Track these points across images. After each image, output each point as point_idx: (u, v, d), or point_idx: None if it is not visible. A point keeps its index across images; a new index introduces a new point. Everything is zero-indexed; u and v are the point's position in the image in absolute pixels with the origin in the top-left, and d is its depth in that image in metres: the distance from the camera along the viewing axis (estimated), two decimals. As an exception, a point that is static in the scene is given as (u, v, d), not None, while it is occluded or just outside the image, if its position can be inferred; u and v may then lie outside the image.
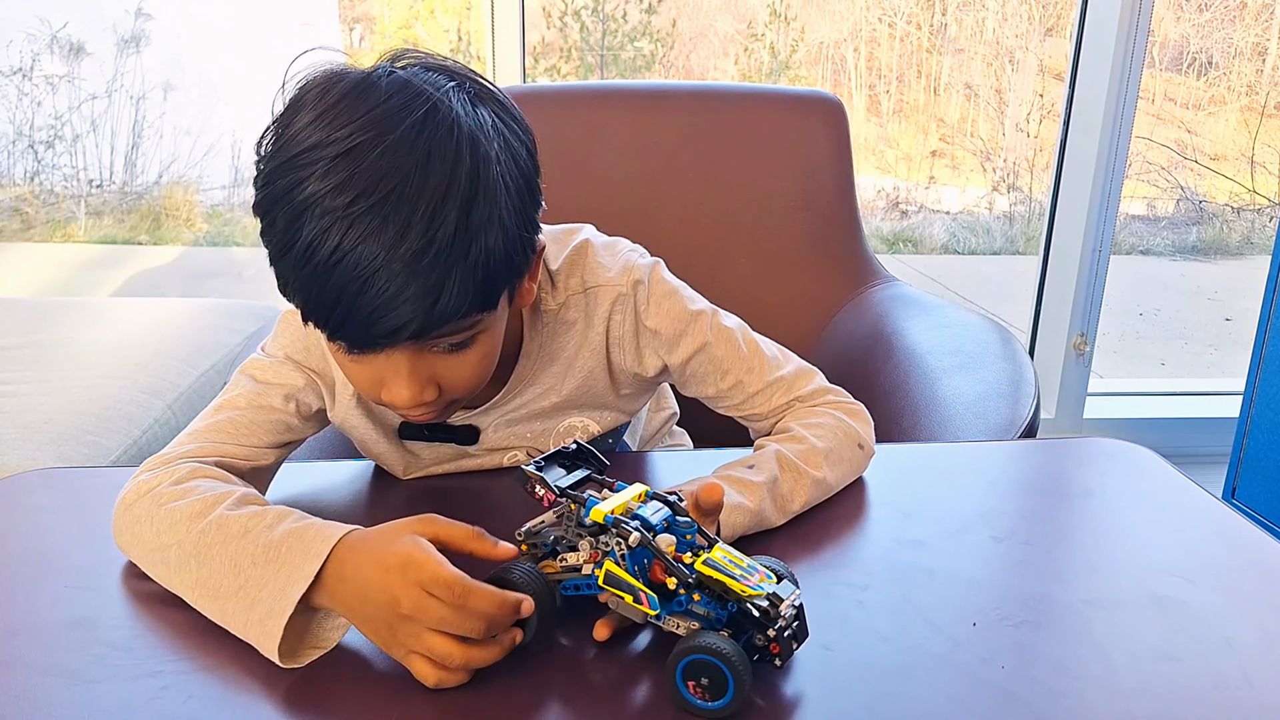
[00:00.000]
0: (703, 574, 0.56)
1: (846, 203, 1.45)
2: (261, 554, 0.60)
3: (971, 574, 0.69)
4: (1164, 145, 5.35)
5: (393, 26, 7.01)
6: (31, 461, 1.15)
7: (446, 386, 0.68)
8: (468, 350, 0.67)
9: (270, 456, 0.76)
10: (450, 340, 0.65)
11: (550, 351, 0.81)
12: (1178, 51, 5.71)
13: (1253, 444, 1.87)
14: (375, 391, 0.68)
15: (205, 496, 0.65)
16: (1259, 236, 5.03)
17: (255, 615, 0.58)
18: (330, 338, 0.64)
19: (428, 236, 0.59)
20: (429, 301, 0.60)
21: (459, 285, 0.60)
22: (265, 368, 0.77)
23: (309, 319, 0.63)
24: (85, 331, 1.54)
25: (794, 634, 0.56)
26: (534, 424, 0.84)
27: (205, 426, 0.75)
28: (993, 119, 5.89)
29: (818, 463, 0.77)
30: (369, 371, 0.66)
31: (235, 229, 4.50)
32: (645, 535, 0.56)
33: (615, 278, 0.80)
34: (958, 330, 1.23)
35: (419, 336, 0.62)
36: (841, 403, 0.84)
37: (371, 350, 0.64)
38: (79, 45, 4.41)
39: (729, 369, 0.82)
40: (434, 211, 0.59)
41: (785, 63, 5.68)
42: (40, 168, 4.45)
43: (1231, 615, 0.65)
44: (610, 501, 0.59)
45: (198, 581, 0.62)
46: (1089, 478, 0.87)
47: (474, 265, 0.61)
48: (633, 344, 0.81)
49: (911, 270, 4.35)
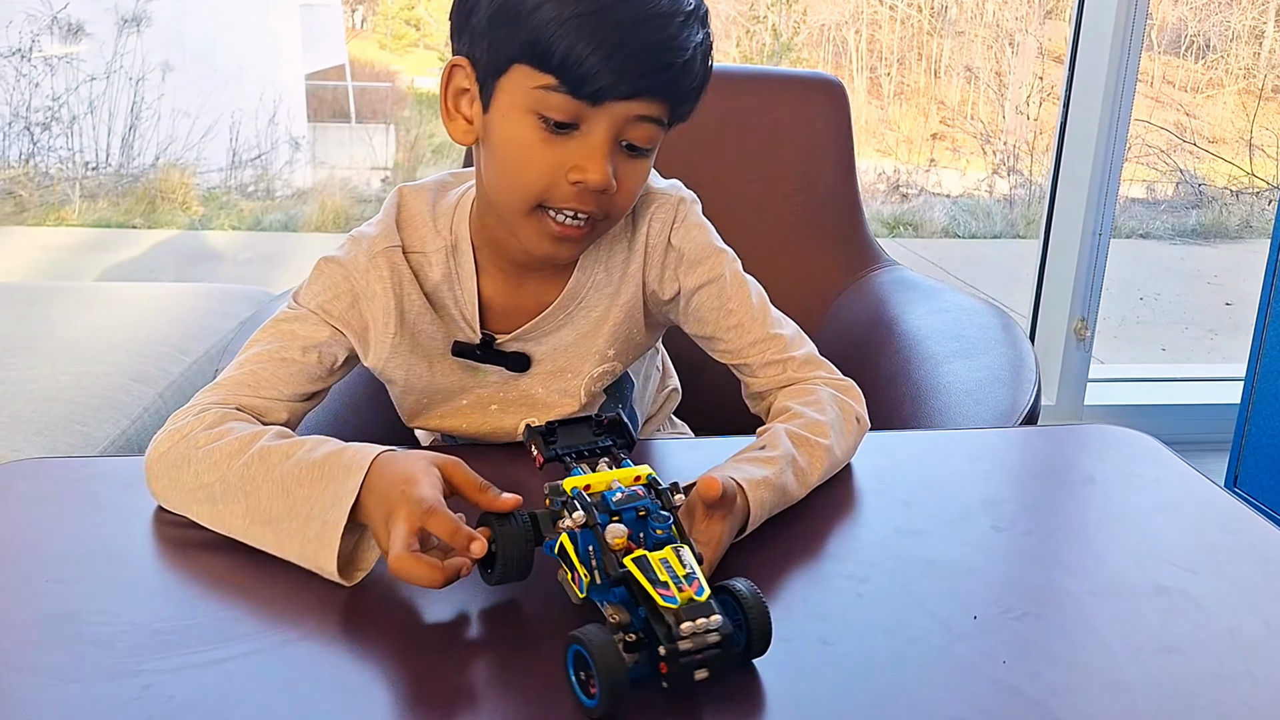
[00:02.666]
0: (629, 571, 0.53)
1: (847, 186, 1.43)
2: (306, 475, 0.65)
3: (972, 564, 0.69)
4: (1163, 128, 5.33)
5: (395, 7, 6.96)
6: (17, 452, 1.13)
7: (620, 185, 0.73)
8: (643, 159, 0.75)
9: (295, 409, 0.78)
10: (644, 133, 0.73)
11: (606, 265, 0.84)
12: (1176, 34, 5.68)
13: (1254, 430, 1.86)
14: (560, 174, 0.71)
15: (243, 435, 0.69)
16: (1258, 220, 5.02)
17: (311, 531, 0.63)
18: (589, 82, 0.68)
19: (695, 5, 0.72)
20: (702, 53, 0.72)
21: (685, 72, 0.71)
22: (293, 319, 0.79)
23: (575, 64, 0.68)
24: (75, 317, 1.52)
25: (700, 664, 0.52)
26: (574, 360, 0.86)
27: (230, 379, 0.77)
28: (993, 101, 5.87)
29: (824, 433, 0.78)
30: (560, 153, 0.71)
31: (231, 212, 4.48)
32: (592, 516, 0.56)
33: (662, 190, 0.85)
34: (958, 315, 1.22)
35: (684, 83, 0.72)
36: (833, 380, 0.86)
37: (630, 94, 0.69)
38: (79, 25, 4.38)
39: (734, 310, 0.85)
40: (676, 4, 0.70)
41: (787, 45, 5.65)
42: (36, 150, 4.43)
43: (1234, 604, 0.65)
44: (592, 477, 0.58)
45: (246, 510, 0.66)
46: (1090, 465, 0.86)
47: (698, 66, 0.73)
48: (659, 258, 0.85)
49: (912, 254, 4.34)
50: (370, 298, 0.79)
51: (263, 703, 0.53)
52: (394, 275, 0.79)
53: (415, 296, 0.80)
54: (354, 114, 6.19)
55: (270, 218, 4.47)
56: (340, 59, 6.33)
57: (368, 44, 6.84)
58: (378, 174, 5.24)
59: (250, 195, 4.80)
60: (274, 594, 0.63)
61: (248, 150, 4.90)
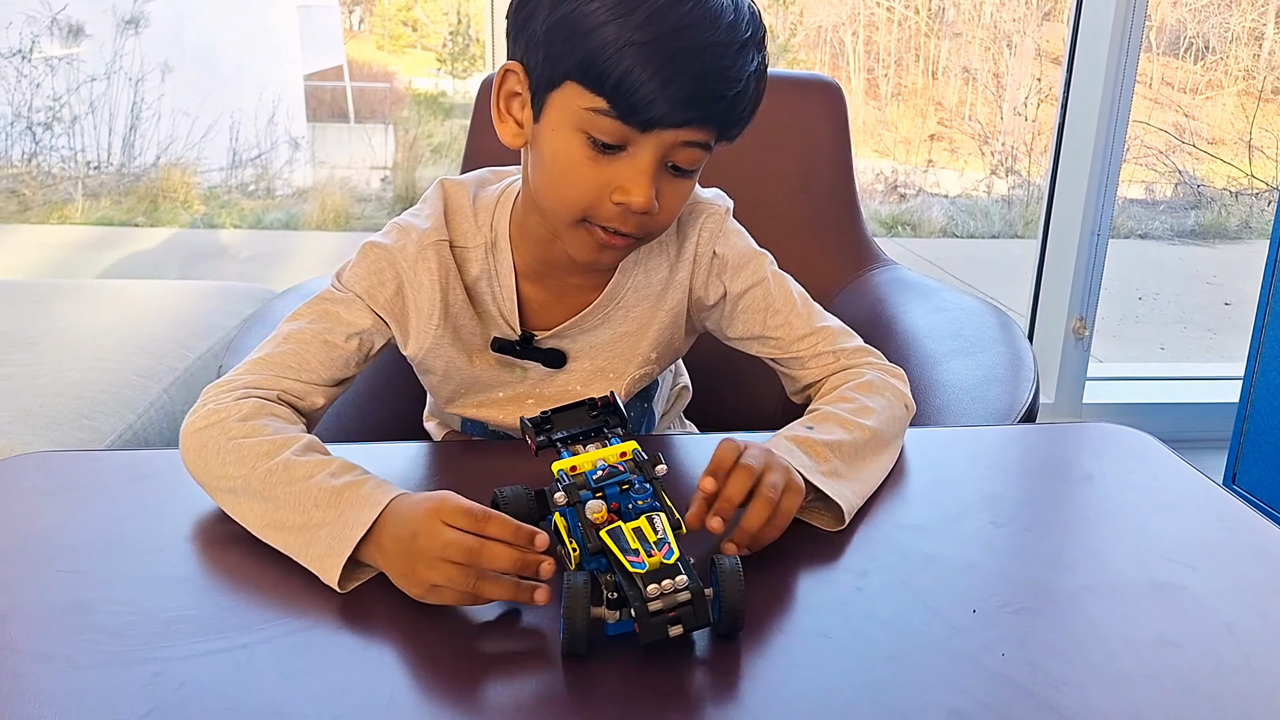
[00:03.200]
0: (604, 542, 0.57)
1: (845, 186, 1.44)
2: (325, 498, 0.66)
3: (971, 559, 0.69)
4: (1161, 129, 5.34)
5: (392, 8, 6.96)
6: (25, 445, 1.14)
7: (661, 206, 0.74)
8: (686, 180, 0.75)
9: (330, 394, 0.79)
10: (689, 157, 0.73)
11: (646, 269, 0.86)
12: (1174, 36, 5.69)
13: (1253, 429, 1.87)
14: (604, 193, 0.72)
15: (274, 438, 0.70)
16: (1257, 220, 5.02)
17: (314, 552, 0.64)
18: (641, 111, 0.68)
19: (752, 31, 0.71)
20: (756, 79, 0.72)
21: (735, 103, 0.71)
22: (338, 300, 0.80)
23: (629, 92, 0.68)
24: (81, 314, 1.53)
25: (674, 620, 0.55)
26: (615, 361, 0.88)
27: (270, 357, 0.77)
28: (991, 103, 5.87)
29: (871, 414, 0.80)
30: (606, 173, 0.71)
31: (233, 211, 4.48)
32: (573, 495, 0.60)
33: (710, 201, 0.87)
34: (956, 314, 1.22)
35: (735, 112, 0.72)
36: (882, 365, 0.88)
37: (681, 123, 0.70)
38: (78, 27, 4.38)
39: (779, 308, 0.87)
40: (751, 20, 0.72)
41: (784, 46, 5.66)
42: (38, 149, 4.43)
43: (1232, 600, 0.65)
44: (579, 458, 0.62)
45: (264, 514, 0.67)
46: (1089, 463, 0.87)
47: (749, 96, 0.73)
48: (706, 266, 0.86)
49: (910, 253, 4.35)
50: (416, 288, 0.80)
51: (271, 690, 0.54)
52: (441, 268, 0.80)
53: (458, 290, 0.82)
54: (353, 114, 6.19)
55: (271, 216, 4.47)
56: (338, 59, 6.34)
57: (365, 45, 6.84)
58: (377, 173, 5.24)
59: (251, 194, 4.80)
60: (282, 583, 0.64)
61: (248, 150, 4.90)
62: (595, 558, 0.59)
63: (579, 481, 0.61)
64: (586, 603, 0.56)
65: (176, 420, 1.36)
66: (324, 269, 1.48)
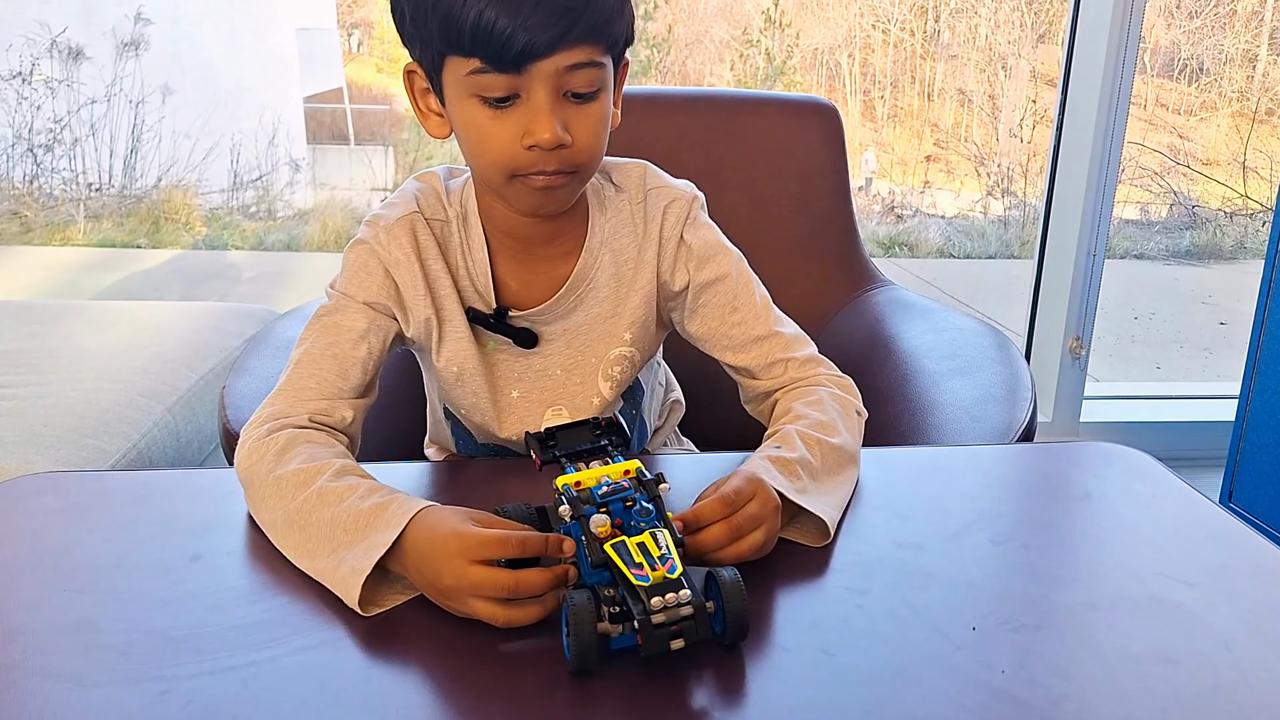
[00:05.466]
0: (608, 555, 0.58)
1: (842, 207, 1.45)
2: (352, 522, 0.67)
3: (971, 577, 0.70)
4: (1156, 150, 5.37)
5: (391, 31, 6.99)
6: (30, 465, 1.14)
7: (576, 137, 0.75)
8: (593, 103, 0.76)
9: (357, 405, 0.81)
10: (583, 79, 0.74)
11: (613, 249, 0.88)
12: (1169, 57, 5.74)
13: (1249, 447, 1.88)
14: (516, 143, 0.74)
15: (308, 467, 0.72)
16: (1252, 241, 5.05)
17: (340, 574, 0.65)
18: (504, 53, 0.70)
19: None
20: (578, 9, 0.71)
21: (595, 6, 0.72)
22: (335, 310, 0.82)
23: (485, 40, 0.70)
24: (84, 335, 1.54)
25: (676, 634, 0.56)
26: (593, 344, 0.90)
27: (287, 384, 0.80)
28: (986, 124, 5.91)
29: (833, 431, 0.81)
30: (510, 124, 0.74)
31: (234, 232, 4.50)
32: (578, 509, 0.61)
33: (677, 188, 0.90)
34: (954, 334, 1.23)
35: (599, 18, 0.72)
36: (832, 376, 0.90)
37: (549, 49, 0.71)
38: (78, 49, 4.41)
39: (739, 306, 0.88)
40: None
41: (780, 68, 5.70)
42: (39, 171, 4.45)
43: (1230, 618, 0.66)
44: (583, 474, 0.63)
45: (298, 544, 0.69)
46: (1087, 481, 0.87)
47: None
48: (672, 251, 0.88)
49: (907, 274, 4.36)
50: (396, 264, 0.83)
51: (278, 709, 0.54)
52: (411, 240, 0.83)
53: (435, 260, 0.85)
54: (352, 136, 6.22)
55: (273, 237, 4.49)
56: (338, 82, 6.37)
57: (365, 67, 6.88)
58: (378, 194, 5.27)
59: (252, 215, 4.82)
60: (289, 603, 0.64)
61: (248, 171, 4.93)
62: (598, 571, 0.59)
63: (584, 496, 0.62)
64: (592, 619, 0.56)
65: (180, 440, 1.37)
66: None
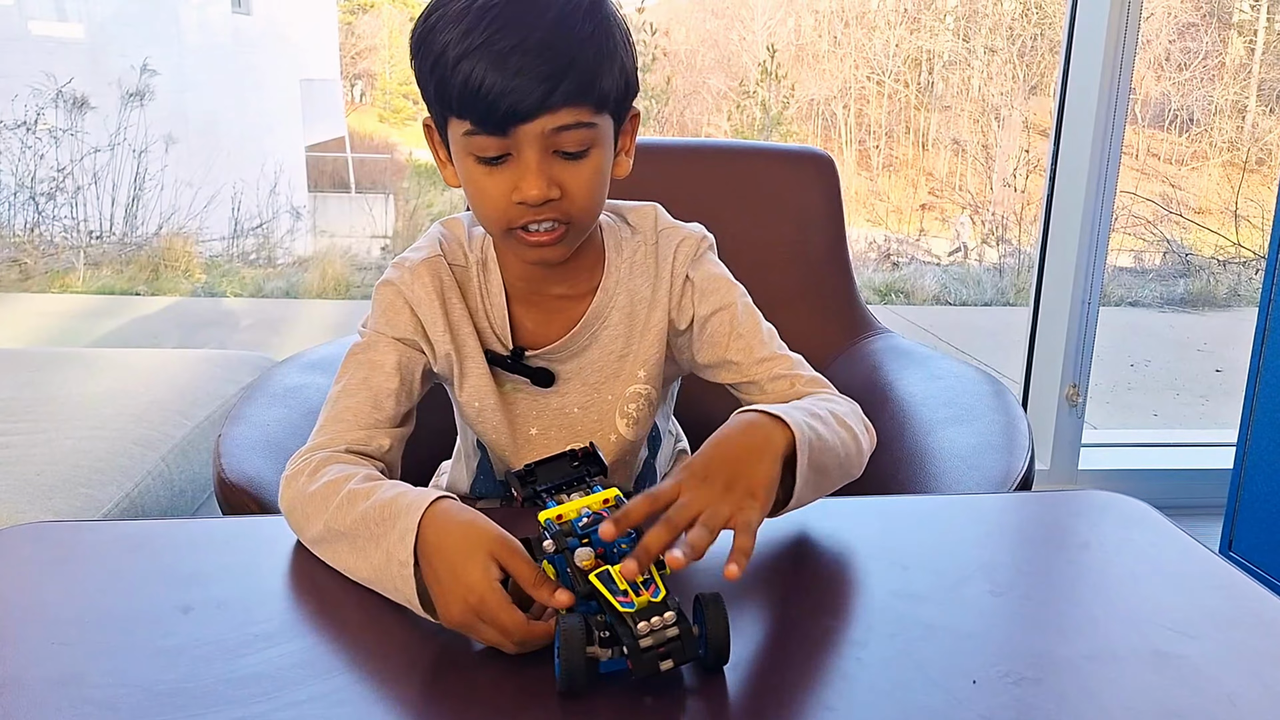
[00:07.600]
0: (594, 586, 0.59)
1: (838, 256, 1.46)
2: (379, 512, 0.69)
3: (971, 628, 0.69)
4: (1149, 199, 5.43)
5: (394, 83, 7.11)
6: (22, 514, 1.13)
7: (568, 191, 0.77)
8: (584, 160, 0.78)
9: (394, 434, 0.84)
10: (572, 139, 0.76)
11: (629, 289, 0.91)
12: (1159, 108, 5.83)
13: (1247, 495, 1.87)
14: (508, 199, 0.77)
15: (337, 477, 0.75)
16: (1245, 288, 5.08)
17: (390, 573, 0.67)
18: (489, 118, 0.73)
19: (558, 28, 0.73)
20: (594, 45, 0.74)
21: (580, 69, 0.73)
22: (367, 347, 0.86)
23: (472, 105, 0.73)
24: (79, 382, 1.53)
25: (664, 655, 0.57)
26: (607, 381, 0.92)
27: (326, 422, 0.83)
28: (980, 173, 5.98)
29: (845, 424, 0.82)
30: (502, 181, 0.77)
31: (234, 279, 4.52)
32: (561, 542, 0.62)
33: (689, 229, 0.94)
34: (951, 382, 1.23)
35: (586, 79, 0.73)
36: (838, 396, 0.90)
37: (535, 111, 0.73)
38: (83, 99, 4.47)
39: (743, 334, 0.91)
40: (561, 13, 0.73)
41: (777, 119, 5.79)
42: (40, 219, 4.48)
43: (1233, 670, 0.65)
44: (565, 506, 0.64)
45: (349, 551, 0.70)
46: (1085, 530, 0.87)
47: (594, 56, 0.74)
48: (680, 289, 0.92)
49: (904, 321, 4.38)
50: (419, 303, 0.87)
51: (267, 767, 0.53)
52: (435, 281, 0.87)
53: (456, 302, 0.88)
54: (354, 184, 6.29)
55: (272, 285, 4.50)
56: (340, 131, 6.46)
57: (367, 117, 6.97)
58: (378, 242, 5.30)
59: (252, 263, 4.85)
60: (278, 656, 0.63)
61: (249, 219, 4.97)
62: (585, 601, 0.60)
63: (566, 529, 0.63)
64: (582, 644, 0.57)
65: (174, 488, 1.36)
66: (325, 336, 1.49)
